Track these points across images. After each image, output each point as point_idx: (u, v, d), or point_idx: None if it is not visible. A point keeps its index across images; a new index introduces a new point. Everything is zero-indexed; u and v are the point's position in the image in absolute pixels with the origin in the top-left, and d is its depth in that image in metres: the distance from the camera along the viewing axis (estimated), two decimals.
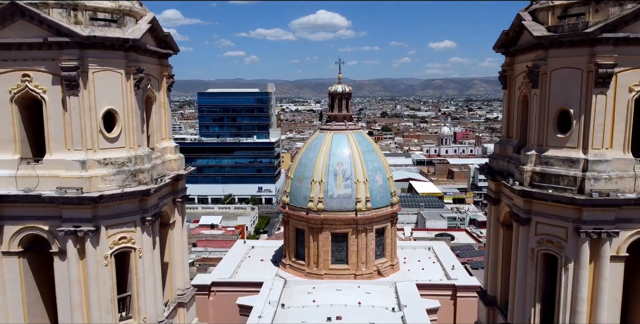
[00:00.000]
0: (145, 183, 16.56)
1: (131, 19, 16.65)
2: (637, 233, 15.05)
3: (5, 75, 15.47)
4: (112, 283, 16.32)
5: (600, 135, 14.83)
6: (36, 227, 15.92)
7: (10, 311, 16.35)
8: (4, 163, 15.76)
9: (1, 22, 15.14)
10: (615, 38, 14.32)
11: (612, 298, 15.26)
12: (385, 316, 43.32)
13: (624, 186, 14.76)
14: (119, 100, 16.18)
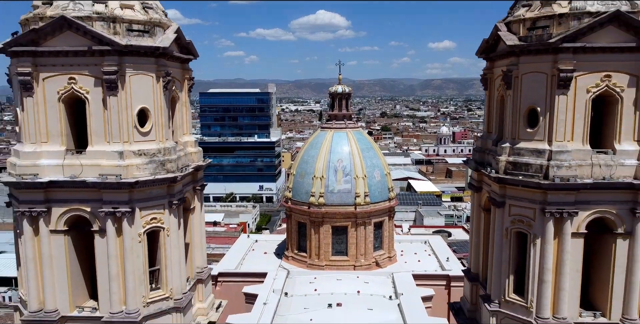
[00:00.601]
0: (173, 172, 19.17)
1: (160, 29, 19.24)
2: (594, 213, 17.64)
3: (54, 78, 18.04)
4: (144, 257, 18.91)
5: (562, 130, 17.43)
6: (80, 209, 18.50)
7: (56, 282, 18.91)
8: (52, 154, 18.34)
9: (51, 33, 17.70)
10: (574, 47, 16.91)
11: (574, 269, 17.85)
12: (383, 304, 45.95)
13: (582, 173, 17.36)
14: (150, 99, 18.78)
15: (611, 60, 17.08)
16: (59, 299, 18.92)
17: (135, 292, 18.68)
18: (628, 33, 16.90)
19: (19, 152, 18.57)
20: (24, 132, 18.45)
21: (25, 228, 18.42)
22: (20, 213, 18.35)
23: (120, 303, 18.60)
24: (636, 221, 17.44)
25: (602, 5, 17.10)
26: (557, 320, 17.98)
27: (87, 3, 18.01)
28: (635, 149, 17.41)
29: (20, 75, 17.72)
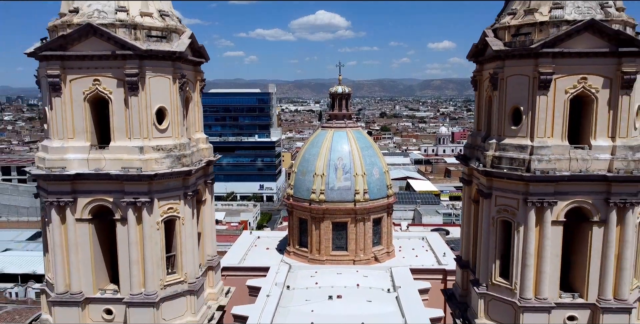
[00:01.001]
0: (187, 166, 20.92)
1: (176, 35, 20.99)
2: (572, 203, 19.40)
3: (80, 79, 19.78)
4: (161, 244, 20.65)
5: (543, 127, 19.19)
6: (103, 199, 20.24)
7: (81, 266, 20.64)
8: (78, 149, 20.08)
9: (78, 39, 19.43)
10: (553, 52, 18.66)
11: (554, 254, 19.60)
12: (381, 296, 47.80)
13: (561, 166, 19.11)
14: (167, 99, 20.53)
15: (587, 64, 18.84)
16: (83, 282, 20.66)
17: (154, 276, 20.42)
18: (602, 39, 18.66)
19: (47, 147, 20.33)
20: (52, 128, 20.20)
21: (53, 216, 20.17)
22: (49, 203, 20.10)
23: (139, 285, 20.35)
24: (610, 210, 19.20)
25: (579, 14, 18.85)
26: (538, 301, 19.73)
27: (110, 11, 19.76)
28: (609, 145, 19.17)
29: (50, 77, 19.47)
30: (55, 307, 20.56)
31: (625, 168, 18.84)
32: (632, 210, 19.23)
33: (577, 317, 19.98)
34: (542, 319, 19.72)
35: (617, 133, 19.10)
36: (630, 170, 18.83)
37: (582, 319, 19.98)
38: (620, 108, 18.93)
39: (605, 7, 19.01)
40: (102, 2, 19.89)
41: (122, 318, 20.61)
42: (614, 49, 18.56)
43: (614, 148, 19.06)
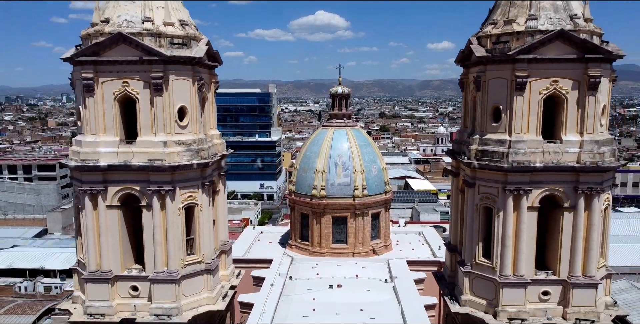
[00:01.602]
0: (205, 158, 23.50)
1: (194, 42, 23.56)
2: (545, 191, 22.00)
3: (111, 82, 22.34)
4: (182, 228, 23.22)
5: (519, 124, 21.78)
6: (130, 188, 22.80)
7: (110, 248, 23.19)
8: (109, 143, 22.65)
9: (109, 46, 22.00)
10: (528, 58, 21.28)
11: (529, 236, 22.19)
12: (379, 286, 50.47)
13: (535, 158, 21.71)
14: (187, 99, 23.13)
15: (558, 69, 21.44)
16: (112, 261, 23.21)
17: (175, 256, 23.00)
18: (571, 47, 21.26)
19: (81, 142, 22.89)
20: (86, 125, 22.77)
21: (87, 203, 22.73)
22: (83, 191, 22.66)
23: (162, 264, 22.92)
24: (578, 197, 21.79)
25: (551, 24, 21.44)
26: (516, 278, 22.32)
27: (137, 21, 22.33)
28: (578, 139, 21.76)
29: (84, 79, 22.03)
30: (87, 284, 23.11)
31: (592, 160, 21.45)
32: (598, 197, 21.84)
33: (550, 292, 22.57)
34: (519, 294, 22.32)
35: (584, 129, 21.70)
36: (595, 162, 21.43)
37: (554, 294, 22.58)
38: (587, 108, 21.53)
39: (574, 19, 21.59)
40: (130, 13, 22.46)
41: (146, 294, 23.17)
42: (581, 55, 21.17)
43: (582, 142, 21.66)
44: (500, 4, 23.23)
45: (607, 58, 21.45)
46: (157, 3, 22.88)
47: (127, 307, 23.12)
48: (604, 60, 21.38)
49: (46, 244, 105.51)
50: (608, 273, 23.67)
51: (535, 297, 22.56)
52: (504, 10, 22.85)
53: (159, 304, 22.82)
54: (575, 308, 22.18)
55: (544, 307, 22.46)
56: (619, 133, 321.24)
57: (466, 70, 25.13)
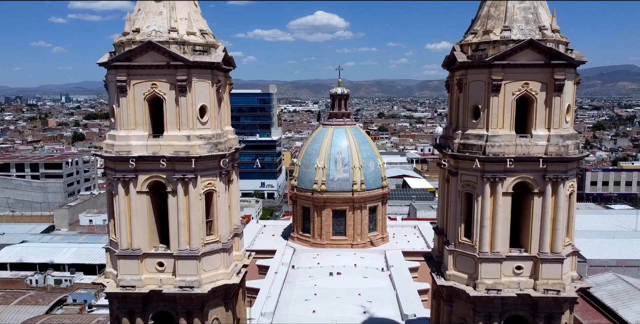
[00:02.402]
0: (222, 151, 26.89)
1: (213, 49, 26.95)
2: (517, 178, 25.37)
3: (141, 84, 25.69)
4: (202, 211, 26.59)
5: (495, 121, 25.16)
6: (158, 176, 26.15)
7: (139, 228, 26.54)
8: (139, 137, 26.01)
9: (140, 52, 25.36)
10: (502, 63, 24.65)
11: (504, 218, 25.58)
12: (376, 273, 54.21)
13: (509, 150, 25.10)
14: (207, 99, 26.52)
15: (528, 73, 24.82)
16: (141, 240, 26.55)
17: (196, 236, 26.38)
18: (539, 54, 24.65)
19: (114, 136, 26.26)
20: (119, 121, 26.15)
21: (120, 190, 26.10)
22: (117, 179, 26.02)
23: (185, 243, 26.30)
24: (546, 184, 25.19)
25: (522, 34, 24.84)
26: (493, 254, 25.72)
27: (164, 31, 25.72)
28: (546, 134, 25.15)
29: (119, 82, 25.39)
30: (120, 260, 26.48)
31: (557, 152, 24.86)
32: (563, 184, 25.25)
33: (522, 267, 25.97)
34: (495, 268, 25.73)
35: (551, 125, 25.09)
36: (560, 153, 24.86)
37: (526, 268, 25.96)
38: (554, 106, 24.94)
39: (543, 30, 24.99)
40: (157, 24, 25.85)
41: (171, 269, 26.53)
42: (548, 61, 24.57)
43: (549, 136, 25.06)
44: (480, 16, 26.66)
45: (571, 64, 24.86)
46: (181, 15, 26.27)
47: (154, 280, 26.48)
48: (568, 65, 24.77)
49: (54, 240, 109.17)
50: (573, 251, 27.10)
51: (509, 271, 25.97)
52: (483, 22, 26.28)
53: (182, 277, 26.22)
54: (544, 280, 25.58)
55: (517, 280, 25.86)
56: (615, 133, 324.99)
57: (451, 73, 28.51)
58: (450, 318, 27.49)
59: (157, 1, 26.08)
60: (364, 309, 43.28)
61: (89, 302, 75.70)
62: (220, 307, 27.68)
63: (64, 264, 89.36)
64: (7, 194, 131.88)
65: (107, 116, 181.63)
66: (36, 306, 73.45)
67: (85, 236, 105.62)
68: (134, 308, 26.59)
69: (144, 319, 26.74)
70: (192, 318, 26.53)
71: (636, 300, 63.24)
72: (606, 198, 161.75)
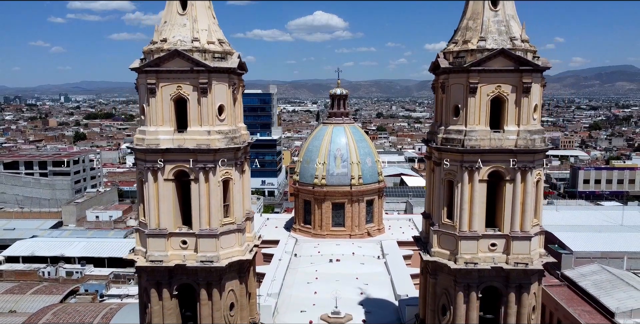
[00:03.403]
0: (237, 144, 31.03)
1: (229, 56, 31.09)
2: (492, 167, 29.54)
3: (168, 86, 29.80)
4: (220, 196, 30.73)
5: (473, 118, 29.33)
6: (182, 166, 30.28)
7: (166, 211, 30.66)
8: (166, 132, 30.12)
9: (168, 59, 29.48)
10: (478, 69, 28.82)
11: (480, 201, 29.76)
12: (372, 261, 58.46)
13: (484, 143, 29.26)
14: (224, 99, 30.66)
15: (500, 77, 28.98)
16: (167, 221, 30.68)
17: (215, 217, 30.53)
18: (510, 61, 28.82)
19: (145, 131, 30.37)
20: (148, 118, 30.25)
21: (149, 177, 30.24)
22: (147, 168, 30.15)
23: (206, 224, 30.44)
24: (516, 172, 29.37)
25: (496, 44, 29.00)
26: (471, 233, 29.90)
27: (188, 41, 29.85)
28: (516, 129, 29.31)
29: (149, 84, 29.52)
30: (149, 238, 30.62)
31: (525, 145, 29.05)
32: (531, 172, 29.45)
33: (496, 244, 30.17)
34: (473, 245, 29.93)
35: (521, 122, 29.28)
36: (528, 146, 29.04)
37: (500, 245, 30.16)
38: (523, 106, 29.12)
39: (514, 40, 29.16)
40: (182, 34, 29.98)
41: (193, 246, 30.67)
42: (517, 67, 28.76)
43: (519, 131, 29.24)
44: (461, 28, 30.86)
45: (537, 69, 29.05)
46: (202, 27, 30.43)
47: (179, 256, 30.63)
48: (534, 70, 28.97)
49: (63, 234, 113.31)
50: (540, 230, 31.26)
51: (485, 247, 30.16)
52: (462, 33, 30.47)
53: (203, 253, 30.37)
54: (514, 255, 29.78)
55: (492, 255, 30.05)
56: (611, 133, 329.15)
57: (436, 77, 32.68)
58: (435, 290, 31.73)
59: (182, 15, 30.24)
60: (361, 290, 47.43)
61: (100, 292, 79.70)
62: (235, 280, 31.87)
63: (74, 257, 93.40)
64: (16, 191, 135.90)
65: (107, 116, 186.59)
66: (51, 296, 77.56)
67: (93, 232, 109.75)
68: (161, 280, 30.74)
69: (170, 290, 30.90)
70: (212, 288, 30.69)
71: (618, 289, 67.55)
72: (598, 195, 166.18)
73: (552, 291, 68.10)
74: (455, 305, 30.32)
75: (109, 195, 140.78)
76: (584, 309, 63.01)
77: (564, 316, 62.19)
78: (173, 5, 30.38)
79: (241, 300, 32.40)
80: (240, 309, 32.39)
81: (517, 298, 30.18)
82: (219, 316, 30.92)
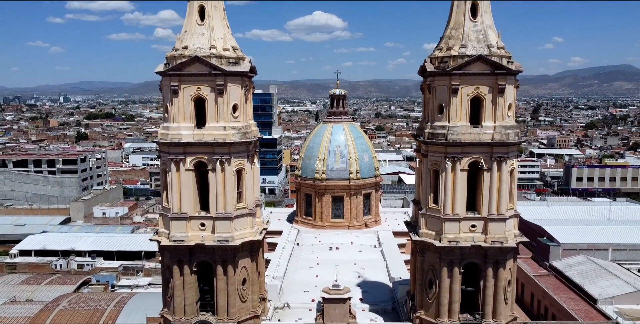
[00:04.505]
0: (249, 138, 35.36)
1: (242, 60, 35.40)
2: (471, 158, 33.88)
3: (189, 87, 34.10)
4: (234, 184, 35.06)
5: (454, 115, 33.66)
6: (201, 157, 34.58)
7: (186, 198, 34.95)
8: (187, 128, 34.42)
9: (189, 64, 33.76)
10: (459, 73, 33.13)
11: (462, 188, 34.12)
12: (369, 249, 62.93)
13: (465, 137, 33.60)
14: (238, 99, 35.00)
15: (479, 79, 33.32)
16: (187, 206, 34.98)
17: (230, 203, 34.85)
18: (487, 65, 33.15)
19: (168, 127, 34.66)
20: (171, 116, 34.53)
21: (172, 167, 34.55)
22: (170, 159, 34.46)
23: (222, 208, 34.75)
24: (492, 162, 33.71)
25: (474, 51, 33.33)
26: (454, 215, 34.24)
27: (206, 48, 34.16)
28: (492, 125, 33.65)
29: (172, 86, 33.82)
30: (172, 221, 34.93)
31: (500, 139, 33.40)
32: (505, 162, 33.80)
33: (476, 225, 34.53)
34: (455, 226, 34.28)
35: (496, 118, 33.63)
36: (503, 139, 33.39)
37: (479, 226, 34.52)
38: (498, 104, 33.48)
39: (490, 47, 33.51)
40: (201, 42, 34.29)
41: (210, 228, 34.99)
42: (493, 71, 33.10)
43: (495, 127, 33.59)
44: (445, 36, 35.23)
45: (511, 72, 33.40)
46: (218, 35, 34.75)
47: (198, 237, 34.96)
48: (508, 74, 33.32)
49: (72, 230, 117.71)
50: (515, 213, 35.61)
51: (466, 228, 34.52)
52: (446, 41, 34.84)
53: (219, 234, 34.72)
54: (491, 234, 34.15)
55: (472, 235, 34.41)
56: (607, 132, 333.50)
57: (424, 79, 37.00)
58: (423, 266, 36.11)
59: (200, 25, 34.58)
60: (359, 274, 51.78)
61: (111, 283, 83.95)
62: (247, 258, 36.22)
63: (84, 251, 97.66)
64: (25, 188, 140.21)
65: (107, 116, 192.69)
66: (65, 285, 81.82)
67: (100, 227, 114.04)
68: (182, 258, 35.07)
69: (190, 266, 35.22)
70: (227, 265, 35.03)
71: (601, 278, 72.07)
72: (591, 193, 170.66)
73: (540, 281, 72.57)
74: (440, 279, 34.69)
75: (114, 192, 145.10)
76: (569, 296, 67.44)
77: (551, 304, 66.63)
78: (193, 17, 34.71)
79: (252, 276, 36.76)
80: (252, 284, 36.76)
81: (494, 272, 34.54)
82: (233, 289, 35.27)
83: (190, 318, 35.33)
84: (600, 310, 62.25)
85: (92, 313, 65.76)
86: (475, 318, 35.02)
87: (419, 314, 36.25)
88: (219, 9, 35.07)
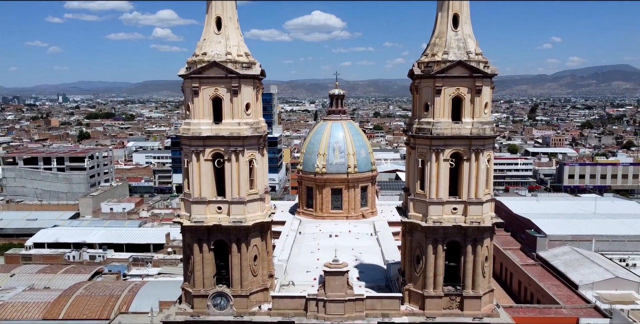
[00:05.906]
0: (260, 133, 40.52)
1: (254, 65, 40.53)
2: (453, 150, 39.00)
3: (207, 89, 39.22)
4: (247, 173, 40.21)
5: (438, 112, 38.82)
6: (218, 149, 39.70)
7: (205, 184, 40.07)
8: (206, 124, 39.53)
9: (207, 68, 38.88)
10: (442, 76, 38.28)
11: (445, 175, 39.28)
12: (366, 237, 68.22)
13: (447, 131, 38.75)
14: (250, 98, 40.17)
15: (459, 82, 38.46)
16: (206, 192, 40.12)
17: (244, 189, 40.01)
18: (466, 69, 38.32)
19: (190, 123, 39.77)
20: (192, 113, 39.65)
21: (193, 158, 39.69)
22: (191, 151, 39.58)
23: (236, 193, 39.92)
24: (471, 153, 38.88)
25: (455, 57, 38.49)
26: (438, 199, 39.41)
27: (223, 54, 39.25)
28: (471, 121, 38.78)
29: (193, 87, 38.97)
30: (192, 205, 40.08)
31: (478, 133, 38.58)
32: (482, 153, 38.99)
33: (457, 208, 39.70)
34: (439, 209, 39.46)
35: (474, 115, 38.79)
36: (480, 134, 38.56)
37: (460, 209, 39.66)
38: (476, 103, 38.65)
39: (469, 53, 38.68)
40: (218, 49, 39.41)
41: (226, 211, 40.11)
42: (471, 74, 38.29)
43: (473, 123, 38.77)
44: (430, 43, 40.41)
45: (486, 75, 38.58)
46: (233, 43, 39.89)
47: (215, 219, 40.11)
48: (484, 76, 38.49)
49: (82, 224, 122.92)
50: (491, 198, 40.79)
51: (449, 211, 39.71)
52: (431, 48, 40.03)
53: (234, 216, 39.89)
54: (470, 216, 39.33)
55: (454, 216, 39.60)
56: (602, 131, 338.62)
57: (413, 81, 42.16)
58: (411, 244, 41.33)
59: (217, 34, 39.74)
60: (356, 258, 56.92)
61: (123, 272, 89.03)
62: (258, 238, 41.41)
63: (95, 243, 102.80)
64: (35, 185, 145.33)
65: (107, 116, 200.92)
66: (80, 275, 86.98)
67: (109, 222, 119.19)
68: (201, 237, 40.23)
69: (208, 245, 40.38)
70: (240, 243, 40.20)
71: (584, 266, 77.45)
72: (582, 190, 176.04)
73: (527, 270, 78.00)
74: (426, 255, 39.90)
75: (120, 189, 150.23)
76: (553, 283, 72.81)
77: (536, 290, 72.00)
78: (210, 27, 39.89)
79: (262, 254, 41.97)
80: (261, 261, 41.97)
81: (473, 249, 39.73)
82: (246, 265, 40.47)
83: (208, 290, 40.53)
84: (581, 295, 67.72)
85: (108, 298, 70.99)
86: (457, 289, 40.26)
87: (408, 287, 41.48)
88: (234, 20, 40.24)
